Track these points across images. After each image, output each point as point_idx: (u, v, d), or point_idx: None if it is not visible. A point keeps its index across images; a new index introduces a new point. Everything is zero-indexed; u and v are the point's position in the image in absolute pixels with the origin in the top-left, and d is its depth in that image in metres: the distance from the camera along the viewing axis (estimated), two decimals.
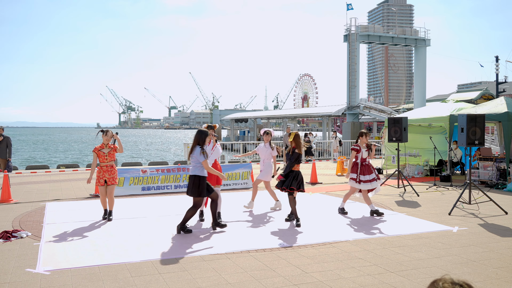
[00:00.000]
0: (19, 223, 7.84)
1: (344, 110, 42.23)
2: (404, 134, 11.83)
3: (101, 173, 7.92)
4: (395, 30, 44.70)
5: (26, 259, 5.67)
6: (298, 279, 4.87)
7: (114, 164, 8.08)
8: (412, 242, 6.41)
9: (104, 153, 7.93)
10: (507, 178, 12.11)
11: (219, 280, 4.83)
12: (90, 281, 4.81)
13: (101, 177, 7.92)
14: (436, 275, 4.87)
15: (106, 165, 7.92)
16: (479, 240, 6.52)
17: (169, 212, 8.84)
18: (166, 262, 5.47)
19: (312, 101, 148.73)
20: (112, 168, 7.97)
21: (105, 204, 8.06)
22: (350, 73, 41.39)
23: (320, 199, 10.38)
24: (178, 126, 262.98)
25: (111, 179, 7.95)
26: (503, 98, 13.28)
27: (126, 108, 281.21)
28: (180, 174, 11.52)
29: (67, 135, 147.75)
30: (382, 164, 16.16)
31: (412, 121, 14.63)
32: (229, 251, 5.96)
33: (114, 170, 8.02)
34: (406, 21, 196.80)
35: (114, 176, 8.00)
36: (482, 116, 9.13)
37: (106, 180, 7.92)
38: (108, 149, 7.97)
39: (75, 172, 17.34)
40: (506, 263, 5.41)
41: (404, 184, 11.64)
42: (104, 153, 7.93)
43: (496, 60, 38.62)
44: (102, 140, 8.07)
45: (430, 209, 8.93)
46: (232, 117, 69.30)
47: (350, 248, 6.11)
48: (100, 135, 8.07)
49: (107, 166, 7.93)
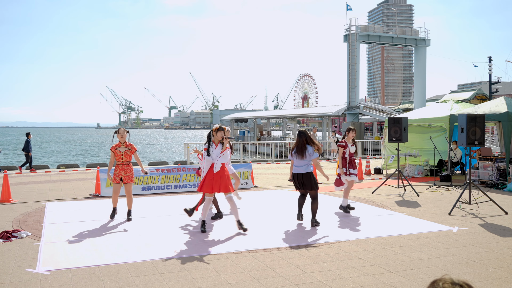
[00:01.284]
0: (19, 223, 7.85)
1: (344, 110, 42.21)
2: (404, 134, 11.83)
3: (117, 171, 7.94)
4: (395, 30, 44.67)
5: (26, 259, 5.67)
6: (298, 279, 4.87)
7: (130, 163, 8.07)
8: (412, 242, 6.41)
9: (121, 152, 7.94)
10: (507, 178, 12.11)
11: (219, 280, 4.83)
12: (90, 281, 4.81)
13: (117, 174, 7.93)
14: (436, 275, 4.87)
15: (122, 163, 7.93)
16: (479, 240, 6.52)
17: (169, 212, 8.84)
18: (166, 262, 5.47)
19: (312, 101, 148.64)
20: (128, 166, 7.97)
21: (115, 202, 8.05)
22: (350, 73, 41.37)
23: (320, 199, 10.35)
24: (178, 126, 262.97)
25: (127, 177, 7.95)
26: (503, 98, 13.28)
27: (126, 108, 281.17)
28: (180, 174, 11.52)
29: (68, 135, 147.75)
30: (382, 164, 16.16)
31: (412, 121, 14.63)
32: (229, 251, 5.96)
33: (130, 168, 8.02)
34: (406, 21, 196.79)
35: (131, 174, 8.00)
36: (482, 116, 9.13)
37: (122, 178, 7.93)
38: (124, 148, 7.97)
39: (75, 172, 17.35)
40: (506, 263, 5.41)
41: (404, 184, 11.64)
42: (120, 151, 7.94)
43: (489, 60, 39.20)
44: (118, 140, 8.08)
45: (430, 209, 8.93)
46: (232, 117, 69.31)
47: (350, 248, 6.11)
48: (115, 136, 8.10)
49: (123, 164, 7.93)
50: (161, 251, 5.98)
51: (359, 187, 12.34)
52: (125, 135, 8.03)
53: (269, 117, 66.30)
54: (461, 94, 37.99)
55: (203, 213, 7.09)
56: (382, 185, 11.65)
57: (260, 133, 61.23)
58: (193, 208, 7.89)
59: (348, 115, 41.52)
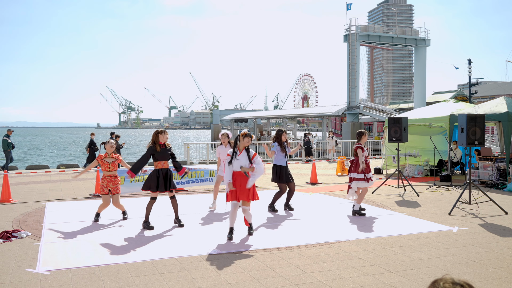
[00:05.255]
0: (19, 223, 7.84)
1: (344, 110, 42.24)
2: (404, 134, 11.83)
3: (105, 182, 7.94)
4: (395, 30, 44.71)
5: (26, 259, 5.67)
6: (298, 279, 4.87)
7: (117, 173, 8.11)
8: (412, 242, 6.40)
9: (108, 162, 7.96)
10: (507, 178, 12.11)
11: (219, 280, 4.83)
12: (90, 281, 4.81)
13: (105, 186, 7.93)
14: (436, 275, 4.87)
15: (110, 174, 7.96)
16: (479, 240, 6.52)
17: (169, 212, 8.82)
18: (166, 262, 5.47)
19: (312, 101, 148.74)
20: (115, 178, 8.03)
21: (101, 210, 8.08)
22: (350, 73, 41.40)
23: (320, 199, 10.37)
24: (178, 126, 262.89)
25: (115, 189, 8.00)
26: (503, 98, 13.28)
27: (126, 108, 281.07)
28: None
29: (73, 135, 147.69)
30: (382, 164, 16.15)
31: (412, 121, 14.63)
32: (229, 251, 5.96)
33: (118, 179, 8.09)
34: (406, 21, 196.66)
35: (118, 185, 8.08)
36: (482, 116, 9.13)
37: (111, 189, 7.95)
38: (111, 159, 8.01)
39: (75, 172, 17.35)
40: (506, 263, 5.41)
41: (404, 184, 11.64)
42: (107, 162, 7.96)
43: (469, 63, 39.99)
44: (105, 151, 8.12)
45: (430, 209, 8.93)
46: (232, 117, 69.33)
47: (350, 248, 6.11)
48: (103, 147, 8.15)
49: (110, 176, 7.96)
50: (161, 251, 5.97)
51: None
52: (113, 147, 8.10)
53: (269, 117, 66.34)
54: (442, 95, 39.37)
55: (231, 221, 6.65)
56: (382, 185, 11.64)
57: (260, 133, 61.30)
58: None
59: (348, 115, 41.53)
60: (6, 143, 17.19)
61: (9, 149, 17.21)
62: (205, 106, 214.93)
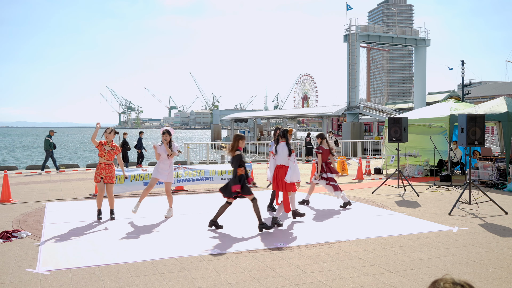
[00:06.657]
0: (19, 223, 7.84)
1: (344, 110, 42.22)
2: (404, 134, 11.83)
3: (98, 170, 7.96)
4: (395, 30, 44.69)
5: (26, 259, 5.67)
6: (298, 279, 4.87)
7: (112, 163, 8.09)
8: (412, 242, 6.41)
9: (105, 150, 7.95)
10: (507, 178, 12.11)
11: (219, 280, 4.83)
12: (90, 281, 4.81)
13: (98, 173, 7.95)
14: (436, 275, 4.87)
15: (104, 162, 7.95)
16: (479, 240, 6.52)
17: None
18: (166, 262, 5.47)
19: (312, 101, 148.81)
20: (110, 166, 8.00)
21: (100, 204, 8.07)
22: (350, 73, 41.37)
23: (320, 199, 10.38)
24: (178, 126, 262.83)
25: (107, 178, 7.96)
26: (503, 98, 13.28)
27: (126, 108, 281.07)
28: (180, 172, 11.50)
29: (68, 135, 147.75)
30: (382, 164, 16.15)
31: (412, 121, 14.63)
32: (229, 251, 5.96)
33: (112, 169, 8.04)
34: (406, 21, 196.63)
35: (112, 174, 8.02)
36: (482, 116, 9.13)
37: (103, 177, 7.94)
38: (109, 147, 7.99)
39: (75, 172, 17.34)
40: (506, 263, 5.41)
41: (404, 184, 11.64)
42: (105, 149, 7.95)
43: (462, 64, 40.29)
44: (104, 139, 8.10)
45: (430, 209, 8.93)
46: (232, 117, 69.32)
47: (350, 248, 6.11)
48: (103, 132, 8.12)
49: (105, 164, 7.95)
50: (161, 251, 5.98)
51: (359, 187, 12.35)
52: (111, 135, 8.05)
53: (269, 117, 66.29)
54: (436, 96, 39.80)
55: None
56: (382, 185, 11.65)
57: (260, 133, 61.31)
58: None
59: (348, 115, 41.52)
60: (48, 143, 17.60)
61: (50, 149, 17.63)
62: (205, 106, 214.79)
